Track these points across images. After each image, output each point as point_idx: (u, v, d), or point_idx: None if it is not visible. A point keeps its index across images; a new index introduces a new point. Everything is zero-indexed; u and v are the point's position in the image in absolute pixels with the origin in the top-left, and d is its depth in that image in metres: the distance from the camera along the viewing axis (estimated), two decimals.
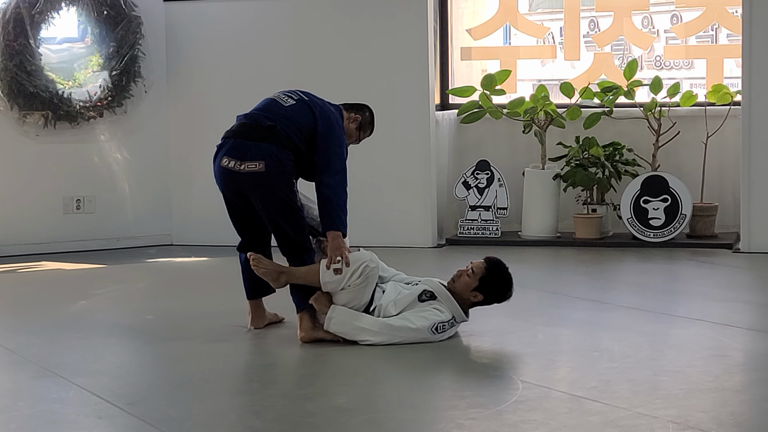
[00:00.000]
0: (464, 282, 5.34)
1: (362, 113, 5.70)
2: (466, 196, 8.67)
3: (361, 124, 5.68)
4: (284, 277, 5.31)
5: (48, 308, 6.42)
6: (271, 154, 5.26)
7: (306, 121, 5.37)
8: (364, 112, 5.72)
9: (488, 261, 5.40)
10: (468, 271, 5.34)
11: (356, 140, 5.71)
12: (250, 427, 4.19)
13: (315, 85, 8.52)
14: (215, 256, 8.22)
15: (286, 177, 5.28)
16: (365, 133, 5.75)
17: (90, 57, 8.51)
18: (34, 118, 8.31)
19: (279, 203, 5.29)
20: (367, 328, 5.19)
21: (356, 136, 5.68)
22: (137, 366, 5.24)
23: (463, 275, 5.35)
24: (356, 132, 5.67)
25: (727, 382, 4.62)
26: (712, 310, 6.04)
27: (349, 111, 5.66)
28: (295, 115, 5.38)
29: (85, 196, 8.60)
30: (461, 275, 5.35)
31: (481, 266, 5.35)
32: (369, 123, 5.75)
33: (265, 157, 5.25)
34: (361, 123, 5.67)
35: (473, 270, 5.34)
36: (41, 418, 4.25)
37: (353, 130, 5.64)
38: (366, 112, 5.73)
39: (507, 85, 8.62)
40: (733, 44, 8.92)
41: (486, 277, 5.34)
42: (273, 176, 5.25)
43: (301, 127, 5.35)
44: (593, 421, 4.07)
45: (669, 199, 8.24)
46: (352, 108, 5.69)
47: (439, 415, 4.30)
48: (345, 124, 5.57)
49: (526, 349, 5.24)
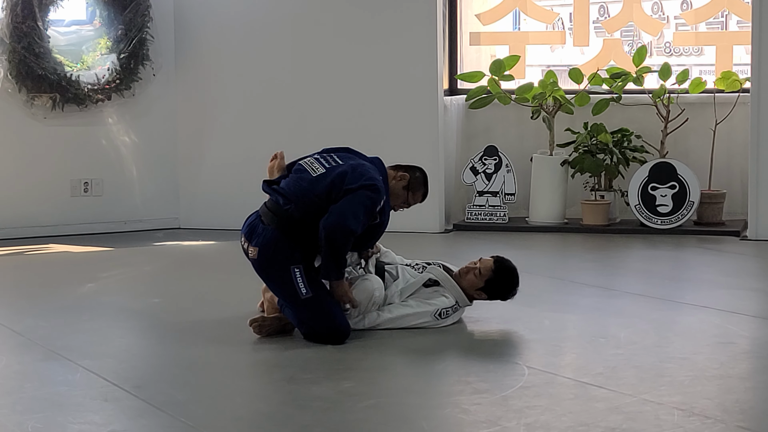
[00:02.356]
0: (471, 281, 5.34)
1: (411, 172, 5.37)
2: (473, 181, 8.66)
3: (410, 184, 5.34)
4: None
5: (55, 291, 6.44)
6: (267, 242, 5.06)
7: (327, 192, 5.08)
8: (414, 171, 5.39)
9: (497, 263, 5.36)
10: (476, 270, 5.33)
11: (405, 202, 5.36)
12: (256, 410, 4.19)
13: (323, 71, 8.55)
14: (222, 239, 8.22)
15: (280, 266, 5.05)
16: (415, 195, 5.38)
17: (98, 40, 8.51)
18: (42, 101, 8.31)
19: (277, 291, 5.18)
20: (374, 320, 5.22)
21: (404, 196, 5.34)
22: (144, 349, 5.25)
23: (470, 273, 5.34)
24: (404, 192, 5.33)
25: (733, 369, 4.62)
26: (719, 297, 6.03)
27: (397, 170, 5.36)
28: (317, 189, 5.10)
29: (92, 179, 8.61)
30: (468, 272, 5.35)
31: (489, 268, 5.33)
32: (421, 184, 5.39)
33: (260, 245, 5.07)
34: (410, 182, 5.34)
35: (481, 271, 5.32)
36: (48, 400, 4.26)
37: (400, 190, 5.32)
38: (416, 173, 5.39)
39: (516, 70, 8.60)
40: (743, 31, 8.88)
41: (492, 280, 5.34)
42: (265, 265, 5.10)
43: (321, 201, 5.07)
44: (598, 407, 4.07)
45: (677, 186, 8.23)
46: (400, 168, 5.40)
47: (445, 401, 4.30)
48: (391, 184, 5.28)
49: (532, 335, 5.24)
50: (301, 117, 8.58)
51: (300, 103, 8.59)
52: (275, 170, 5.55)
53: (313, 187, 5.12)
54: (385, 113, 8.48)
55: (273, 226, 5.08)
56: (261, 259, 5.11)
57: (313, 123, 8.52)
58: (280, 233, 5.07)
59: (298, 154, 5.54)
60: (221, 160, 8.77)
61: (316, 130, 8.48)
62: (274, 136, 8.52)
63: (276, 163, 5.58)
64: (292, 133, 8.49)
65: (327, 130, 8.43)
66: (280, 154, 5.62)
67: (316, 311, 5.06)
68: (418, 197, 5.42)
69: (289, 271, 5.05)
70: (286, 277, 5.06)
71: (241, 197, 8.43)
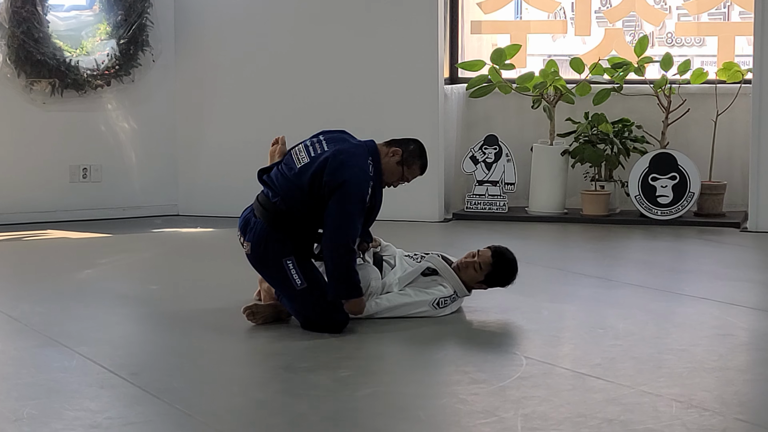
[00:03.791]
0: (470, 274, 5.33)
1: (405, 146, 5.15)
2: (473, 170, 8.63)
3: (404, 158, 5.13)
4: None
5: (53, 277, 6.42)
6: (256, 237, 5.06)
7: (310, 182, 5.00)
8: (407, 144, 5.16)
9: (495, 256, 5.34)
10: (475, 265, 5.31)
11: (401, 176, 5.16)
12: (253, 398, 4.18)
13: (323, 58, 8.52)
14: (221, 227, 8.20)
15: (271, 259, 5.03)
16: (412, 169, 5.16)
17: (98, 25, 8.48)
18: (41, 86, 8.28)
19: (271, 281, 5.17)
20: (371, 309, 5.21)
21: (399, 172, 5.13)
22: (141, 336, 5.23)
23: (470, 267, 5.32)
24: (399, 168, 5.12)
25: (732, 361, 4.61)
26: (718, 288, 6.02)
27: (390, 146, 5.14)
28: (299, 181, 5.03)
29: (91, 165, 8.58)
30: (468, 267, 5.33)
31: (488, 262, 5.31)
32: (416, 156, 5.15)
33: (252, 241, 5.07)
34: (403, 156, 5.12)
35: (481, 266, 5.30)
36: (44, 386, 4.25)
37: (394, 166, 5.11)
38: (410, 145, 5.16)
39: (517, 59, 8.57)
40: (745, 22, 8.85)
41: (492, 273, 5.33)
42: (257, 259, 5.10)
43: (305, 192, 5.02)
44: (596, 398, 4.05)
45: (677, 177, 8.21)
46: (394, 143, 5.18)
47: (442, 390, 4.29)
48: (384, 161, 5.10)
49: (531, 326, 5.23)
50: (300, 105, 8.55)
51: (300, 91, 8.57)
52: (276, 155, 5.55)
53: (297, 180, 5.05)
54: (385, 101, 8.46)
55: (263, 220, 5.07)
56: (254, 255, 5.11)
57: (313, 110, 8.50)
58: (269, 227, 5.05)
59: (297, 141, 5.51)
60: (220, 147, 8.75)
61: (315, 117, 8.44)
62: (273, 124, 8.49)
63: (277, 148, 5.58)
64: (291, 121, 8.45)
65: (327, 118, 8.39)
66: (281, 138, 5.61)
67: (313, 301, 5.04)
68: (415, 171, 5.19)
69: (282, 264, 5.02)
70: (279, 270, 5.04)
71: (241, 184, 8.42)
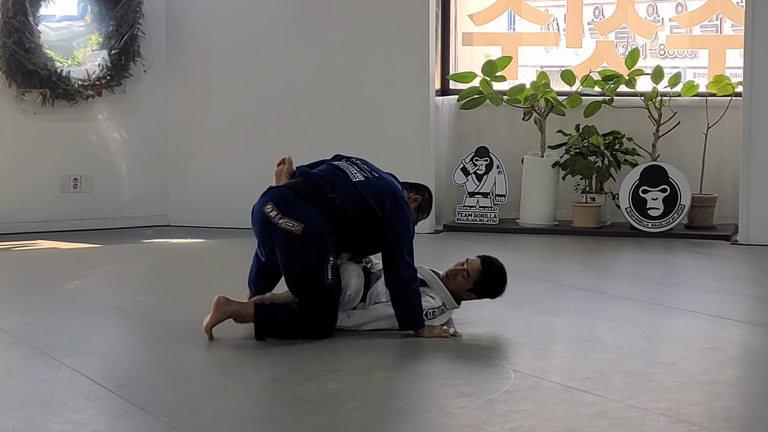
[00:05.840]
0: (459, 282, 5.32)
1: (422, 194, 5.49)
2: (464, 182, 8.64)
3: (420, 206, 5.48)
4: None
5: (42, 288, 6.41)
6: (315, 224, 5.01)
7: (374, 200, 5.14)
8: (423, 193, 5.51)
9: (484, 264, 5.33)
10: (464, 272, 5.30)
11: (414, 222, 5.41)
12: (239, 411, 4.17)
13: (314, 70, 8.52)
14: (212, 237, 8.19)
15: (319, 250, 5.02)
16: (422, 214, 5.54)
17: (89, 35, 8.48)
18: (32, 96, 8.28)
19: (300, 271, 5.06)
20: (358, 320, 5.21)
21: (414, 217, 5.40)
22: (129, 348, 5.22)
23: (458, 275, 5.31)
24: (414, 213, 5.40)
25: (720, 375, 4.60)
26: (708, 302, 6.01)
27: (409, 191, 5.43)
28: (363, 193, 5.15)
29: (82, 175, 8.57)
30: (456, 275, 5.32)
31: (477, 269, 5.30)
32: (428, 204, 5.55)
33: (307, 222, 5.00)
34: (420, 205, 5.47)
35: (469, 273, 5.30)
36: (30, 398, 4.23)
37: (412, 212, 5.38)
38: (426, 194, 5.53)
39: (508, 71, 8.58)
40: (736, 35, 8.87)
41: (481, 281, 5.31)
42: (306, 244, 5.01)
43: (364, 206, 5.13)
44: (584, 412, 4.05)
45: (668, 190, 8.21)
46: (411, 188, 5.48)
47: (430, 404, 4.28)
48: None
49: (520, 338, 5.22)
50: (291, 115, 8.55)
51: (291, 102, 8.56)
52: (283, 176, 5.37)
53: (361, 193, 5.13)
54: (376, 113, 8.46)
55: (319, 209, 5.04)
56: (303, 237, 4.99)
57: (304, 122, 8.50)
58: (325, 218, 5.05)
59: (288, 152, 5.50)
60: (211, 158, 8.74)
61: (307, 128, 8.45)
62: (264, 135, 8.50)
63: (284, 168, 5.40)
64: (282, 132, 8.46)
65: (318, 129, 8.41)
66: (288, 159, 5.44)
67: (329, 298, 5.06)
68: (424, 217, 5.58)
69: (324, 258, 5.03)
70: (320, 261, 5.01)
71: (232, 195, 8.44)
